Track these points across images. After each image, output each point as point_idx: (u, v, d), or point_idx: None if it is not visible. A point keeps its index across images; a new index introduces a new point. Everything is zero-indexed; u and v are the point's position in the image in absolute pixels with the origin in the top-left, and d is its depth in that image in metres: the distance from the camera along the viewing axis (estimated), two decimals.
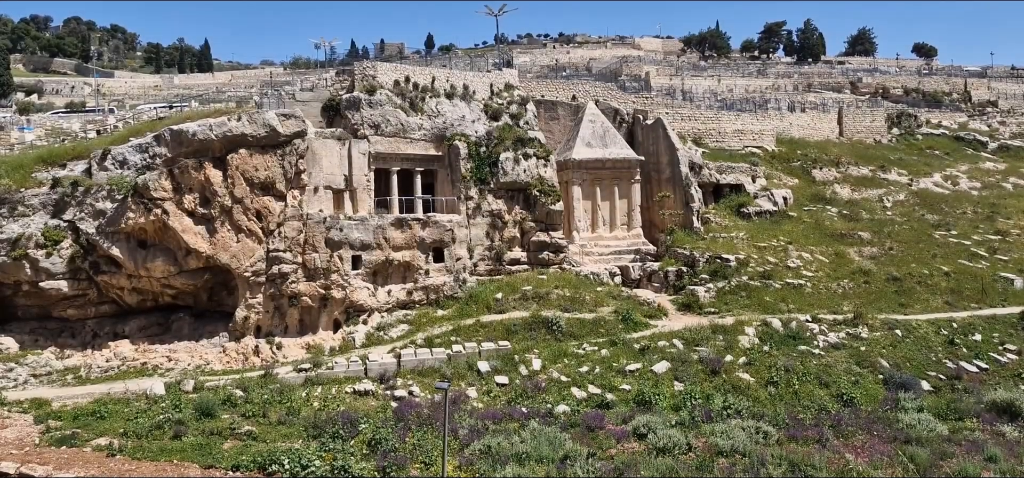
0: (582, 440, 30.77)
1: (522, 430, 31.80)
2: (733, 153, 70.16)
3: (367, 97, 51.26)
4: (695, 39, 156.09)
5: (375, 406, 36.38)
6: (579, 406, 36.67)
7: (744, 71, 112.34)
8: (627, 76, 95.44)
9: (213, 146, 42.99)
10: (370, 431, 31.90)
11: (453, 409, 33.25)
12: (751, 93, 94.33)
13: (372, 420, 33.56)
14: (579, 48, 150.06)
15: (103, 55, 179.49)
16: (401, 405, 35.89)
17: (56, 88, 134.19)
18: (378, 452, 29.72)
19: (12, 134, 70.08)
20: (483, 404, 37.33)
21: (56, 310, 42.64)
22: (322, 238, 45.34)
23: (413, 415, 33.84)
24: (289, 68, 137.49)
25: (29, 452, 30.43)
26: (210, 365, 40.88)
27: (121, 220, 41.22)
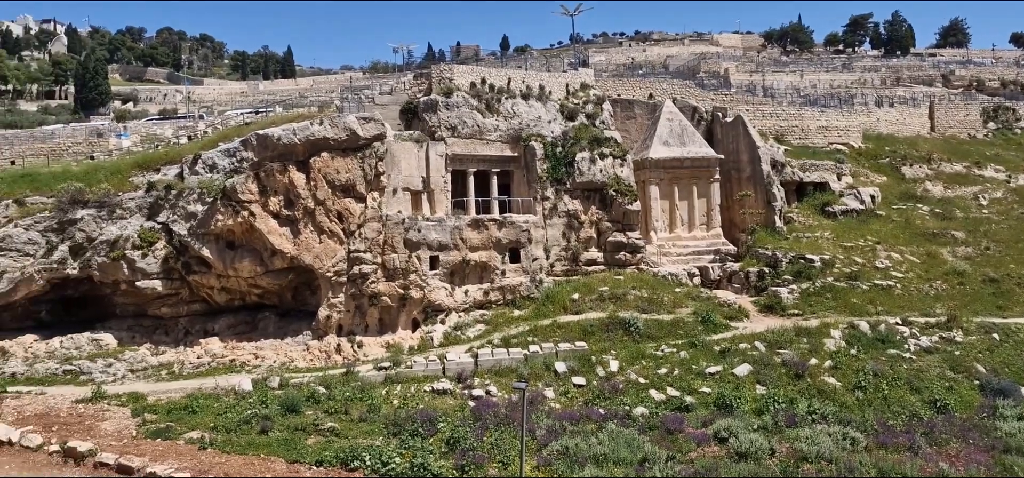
0: (661, 443, 30.36)
1: (600, 431, 31.58)
2: (817, 150, 68.14)
3: (444, 99, 51.84)
4: (776, 34, 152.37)
5: (453, 405, 36.72)
6: (658, 408, 36.22)
7: (828, 65, 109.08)
8: (705, 73, 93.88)
9: (296, 150, 44.20)
10: (448, 430, 32.22)
11: (530, 409, 33.29)
12: (836, 88, 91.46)
13: (450, 419, 33.88)
14: (656, 46, 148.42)
15: (193, 63, 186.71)
16: (479, 404, 36.12)
17: (150, 96, 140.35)
18: (456, 450, 29.98)
19: (110, 140, 73.58)
20: (560, 405, 37.26)
21: (151, 308, 44.55)
22: (401, 239, 46.07)
23: (490, 414, 34.01)
24: (368, 72, 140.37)
25: (127, 444, 31.87)
26: (294, 362, 42.04)
27: (211, 222, 42.77)
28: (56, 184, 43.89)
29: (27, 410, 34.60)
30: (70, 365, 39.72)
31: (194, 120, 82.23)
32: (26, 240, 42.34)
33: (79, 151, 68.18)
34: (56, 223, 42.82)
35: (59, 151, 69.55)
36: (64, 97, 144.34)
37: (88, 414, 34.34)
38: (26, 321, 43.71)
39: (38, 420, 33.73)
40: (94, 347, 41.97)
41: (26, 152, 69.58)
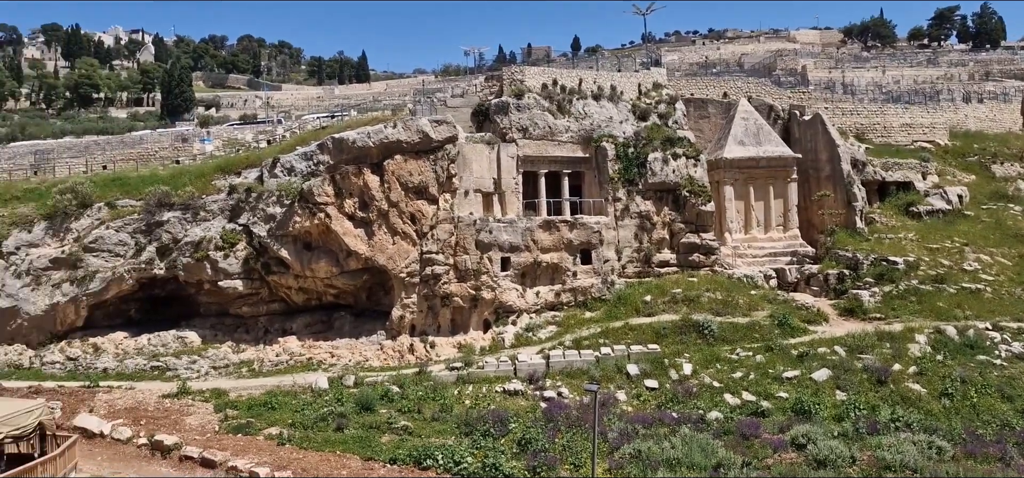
0: (736, 448, 29.77)
1: (673, 435, 31.16)
2: (900, 148, 65.80)
3: (515, 101, 51.99)
4: (857, 29, 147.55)
5: (524, 406, 36.79)
6: (732, 413, 35.54)
7: (912, 60, 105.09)
8: (782, 70, 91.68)
9: (371, 152, 44.98)
10: (520, 430, 32.30)
11: (602, 412, 33.07)
12: (920, 84, 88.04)
13: (522, 420, 33.96)
14: (730, 44, 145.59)
15: (271, 70, 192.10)
16: (550, 406, 36.09)
17: (231, 102, 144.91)
18: (528, 452, 30.02)
19: (194, 145, 76.24)
20: (632, 408, 36.93)
21: (233, 307, 45.98)
22: (472, 240, 46.39)
23: (562, 416, 33.94)
24: (440, 75, 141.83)
25: (210, 438, 32.98)
26: (369, 361, 42.79)
27: (289, 223, 43.90)
28: (144, 188, 45.70)
29: (117, 404, 36.12)
30: (157, 361, 41.33)
31: (273, 125, 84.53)
32: (117, 241, 44.23)
33: (165, 156, 70.88)
34: (144, 225, 44.61)
35: (147, 156, 72.43)
36: (152, 104, 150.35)
37: (174, 409, 35.65)
38: (117, 319, 45.64)
39: (128, 414, 35.19)
40: (179, 344, 43.56)
41: (117, 157, 72.71)
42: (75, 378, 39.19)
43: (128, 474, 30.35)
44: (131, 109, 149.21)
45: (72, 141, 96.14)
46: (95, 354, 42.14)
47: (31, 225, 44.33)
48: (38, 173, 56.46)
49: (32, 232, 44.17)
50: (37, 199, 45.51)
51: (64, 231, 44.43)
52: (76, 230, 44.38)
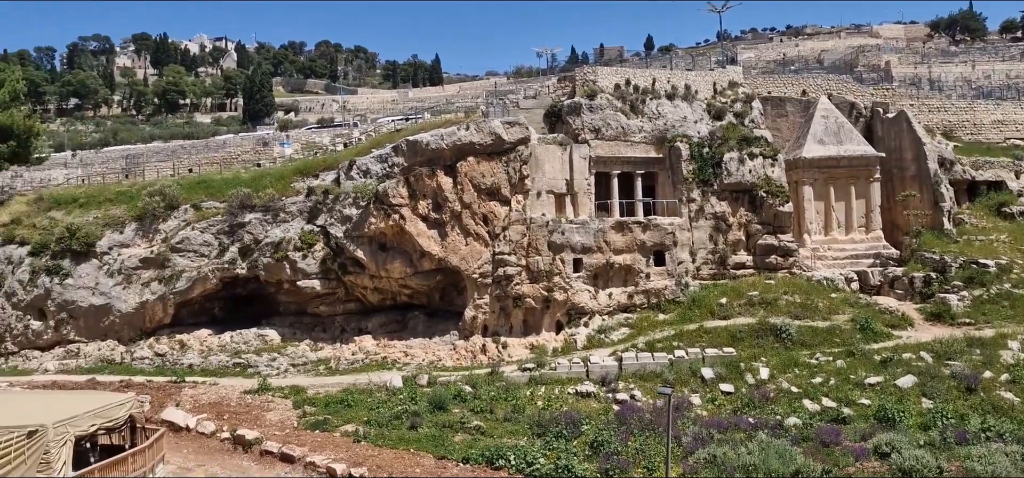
0: (815, 455, 28.94)
1: (749, 441, 30.49)
2: (991, 146, 62.95)
3: (587, 102, 51.78)
4: (944, 23, 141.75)
5: (597, 408, 36.59)
6: (812, 419, 34.56)
7: (1004, 54, 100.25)
8: (864, 66, 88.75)
9: (444, 154, 45.45)
10: (592, 432, 32.13)
11: (676, 415, 32.63)
12: (1013, 79, 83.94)
13: (594, 422, 33.79)
14: (809, 40, 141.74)
15: (348, 74, 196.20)
16: (623, 408, 35.82)
17: (309, 106, 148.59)
18: (600, 454, 29.84)
19: (274, 149, 78.39)
20: (707, 412, 36.33)
21: (310, 307, 47.12)
22: (545, 241, 46.40)
23: (635, 419, 33.62)
24: (512, 77, 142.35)
25: (289, 434, 33.87)
26: (442, 361, 43.24)
27: (364, 225, 44.73)
28: (227, 190, 47.22)
29: (202, 399, 37.43)
30: (239, 358, 42.66)
31: (349, 128, 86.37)
32: (201, 242, 45.85)
33: (247, 159, 73.06)
34: (227, 226, 46.10)
35: (230, 159, 74.87)
36: (234, 109, 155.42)
37: (255, 405, 36.73)
38: (201, 317, 47.30)
39: (211, 409, 36.43)
40: (260, 342, 44.86)
41: (201, 161, 75.41)
42: (163, 373, 40.80)
43: (212, 467, 31.40)
44: (215, 114, 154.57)
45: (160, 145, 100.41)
46: (181, 350, 43.76)
47: (122, 226, 46.33)
48: (129, 176, 59.04)
49: (123, 233, 46.16)
50: (128, 201, 47.53)
51: (153, 232, 46.29)
52: (164, 231, 46.17)
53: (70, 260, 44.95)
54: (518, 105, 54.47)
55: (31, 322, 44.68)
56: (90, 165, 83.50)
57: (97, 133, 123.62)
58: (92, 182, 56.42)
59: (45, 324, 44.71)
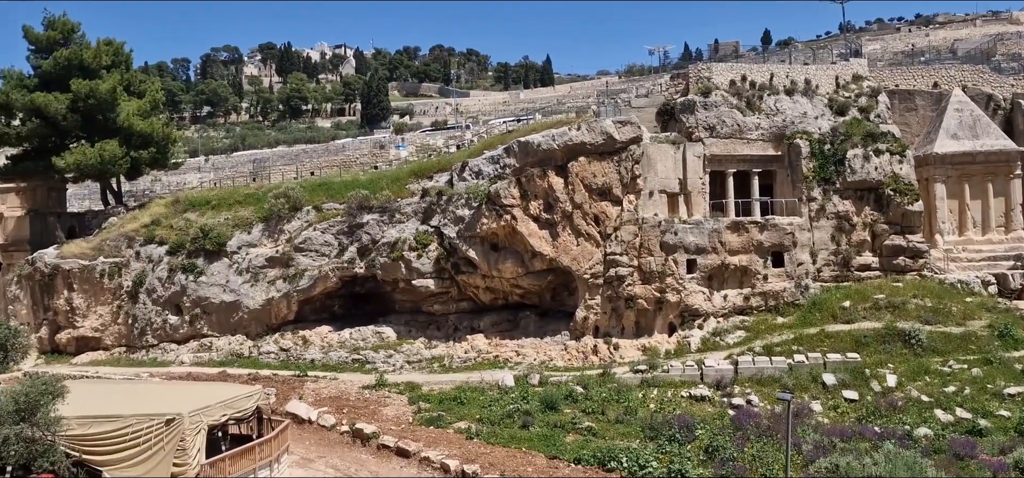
0: (948, 469, 27.30)
1: (875, 451, 29.03)
2: None
3: (701, 99, 50.68)
4: None
5: (711, 412, 35.80)
6: (944, 431, 32.63)
7: None
8: (1002, 55, 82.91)
9: (555, 155, 45.51)
10: (707, 437, 31.47)
11: (795, 422, 31.46)
12: None
13: (709, 426, 33.07)
14: (940, 29, 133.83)
15: (460, 77, 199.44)
16: (739, 413, 34.89)
17: (423, 109, 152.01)
18: (715, 459, 29.18)
19: (390, 151, 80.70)
20: (829, 419, 34.90)
21: (425, 305, 48.19)
22: (657, 242, 45.74)
23: (752, 425, 32.69)
24: (623, 76, 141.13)
25: (404, 429, 34.76)
26: (553, 361, 43.32)
27: (477, 225, 45.35)
28: (346, 192, 48.90)
29: (323, 393, 38.93)
30: (357, 355, 44.09)
31: (462, 130, 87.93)
32: (323, 242, 47.67)
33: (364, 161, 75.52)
34: (346, 227, 47.74)
35: (348, 162, 77.57)
36: (352, 114, 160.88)
37: (372, 400, 37.90)
38: (323, 314, 49.19)
39: (331, 402, 37.84)
40: (377, 339, 46.22)
41: (322, 164, 78.49)
42: (287, 367, 42.67)
43: (333, 459, 32.60)
44: (334, 119, 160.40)
45: (284, 150, 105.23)
46: (304, 346, 45.65)
47: (250, 227, 48.76)
48: (256, 179, 62.15)
49: (251, 233, 48.57)
50: (255, 203, 49.96)
51: (278, 232, 48.47)
52: (288, 231, 48.27)
53: (203, 259, 47.67)
54: (630, 104, 53.88)
55: (169, 317, 47.67)
56: (221, 169, 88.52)
57: (227, 139, 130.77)
58: (223, 185, 59.73)
59: (181, 319, 47.60)
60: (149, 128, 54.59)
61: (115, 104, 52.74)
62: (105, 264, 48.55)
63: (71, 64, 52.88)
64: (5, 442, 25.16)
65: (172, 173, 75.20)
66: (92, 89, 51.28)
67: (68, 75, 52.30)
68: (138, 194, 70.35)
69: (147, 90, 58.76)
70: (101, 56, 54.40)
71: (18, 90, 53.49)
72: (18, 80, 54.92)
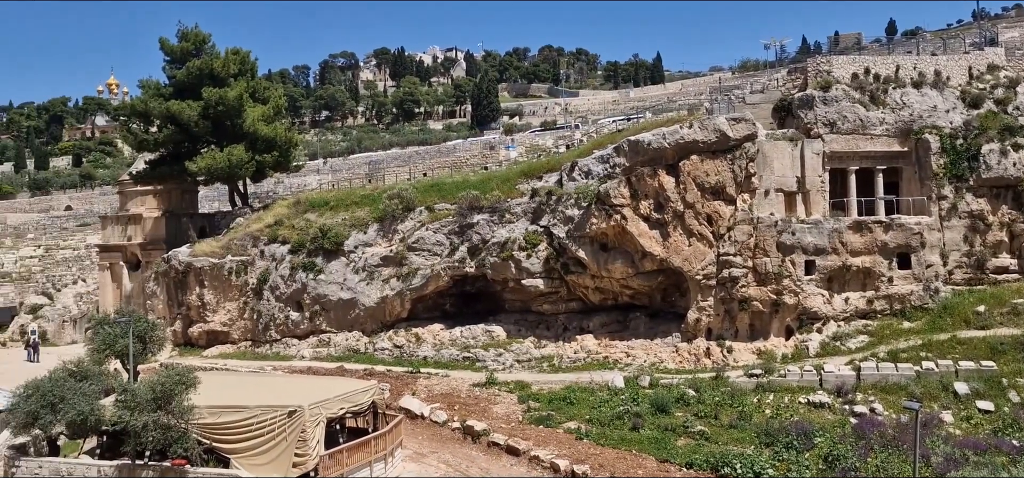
0: None
1: (1013, 465, 27.23)
2: None
3: (821, 94, 48.71)
4: None
5: (831, 420, 34.42)
6: None
7: None
8: None
9: (666, 154, 44.80)
10: (826, 445, 30.29)
11: (924, 433, 29.80)
12: None
13: (829, 434, 31.82)
14: None
15: (569, 77, 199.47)
16: (861, 422, 33.39)
17: (532, 110, 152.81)
18: (836, 469, 28.06)
19: (500, 152, 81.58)
20: (961, 431, 32.90)
21: (534, 305, 48.42)
22: (773, 242, 44.31)
23: (875, 434, 31.22)
24: (737, 71, 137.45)
25: (514, 427, 35.06)
26: (663, 363, 42.69)
27: (586, 225, 45.20)
28: (457, 192, 49.77)
29: (435, 389, 39.76)
30: (468, 353, 44.79)
31: (571, 130, 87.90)
32: (434, 242, 48.68)
33: (475, 162, 76.59)
34: (457, 227, 48.57)
35: (459, 163, 78.91)
36: (463, 115, 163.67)
37: (482, 397, 38.41)
38: (434, 312, 50.21)
39: (443, 399, 38.59)
40: (487, 338, 46.81)
41: (434, 165, 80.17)
42: (400, 364, 43.83)
43: (444, 454, 33.24)
44: (446, 121, 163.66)
45: (397, 152, 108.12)
46: (416, 343, 46.75)
47: (366, 227, 50.33)
48: (371, 181, 64.17)
49: (366, 233, 50.12)
50: (370, 204, 51.53)
51: (392, 232, 49.82)
52: (401, 231, 49.53)
53: (322, 258, 49.54)
54: (744, 100, 52.43)
55: (290, 313, 49.82)
56: (338, 171, 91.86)
57: (344, 142, 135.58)
58: (340, 186, 62.00)
59: (302, 315, 49.64)
60: (272, 133, 57.16)
61: (242, 110, 55.52)
62: (232, 262, 51.19)
63: (202, 73, 56.01)
64: (144, 428, 26.94)
65: (293, 175, 78.56)
66: (221, 96, 54.16)
67: (199, 83, 55.40)
68: (262, 195, 73.91)
69: (271, 96, 61.58)
70: (229, 65, 57.35)
71: (155, 99, 57.09)
72: (155, 89, 58.60)
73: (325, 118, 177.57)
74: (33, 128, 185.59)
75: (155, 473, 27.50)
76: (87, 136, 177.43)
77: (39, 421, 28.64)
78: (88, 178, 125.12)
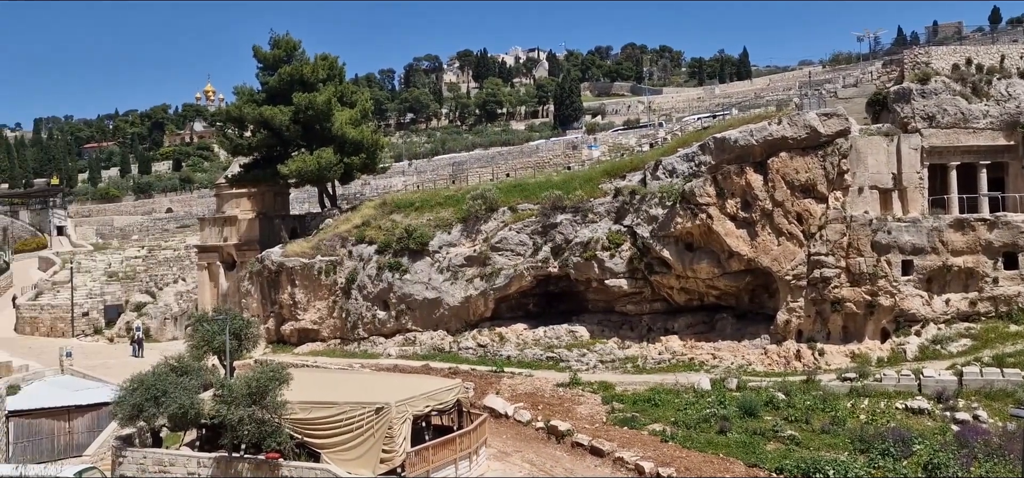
0: None
1: None
2: None
3: (918, 87, 46.68)
4: None
5: (931, 427, 32.96)
6: None
7: None
8: None
9: (753, 151, 43.75)
10: (926, 453, 29.02)
11: None
12: None
13: (928, 442, 30.48)
14: None
15: (653, 75, 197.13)
16: (964, 430, 31.85)
17: (615, 108, 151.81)
18: None
19: (583, 151, 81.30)
20: None
21: (617, 305, 48.05)
22: (867, 241, 42.71)
23: (980, 443, 29.73)
24: (828, 65, 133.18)
25: (598, 428, 34.87)
26: (751, 365, 41.71)
27: (670, 225, 44.57)
28: (540, 192, 49.81)
29: (518, 389, 39.90)
30: (551, 352, 44.77)
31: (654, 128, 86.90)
32: (518, 242, 48.86)
33: (557, 162, 76.56)
34: (540, 227, 48.62)
35: (542, 163, 79.02)
36: (545, 115, 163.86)
37: (566, 397, 38.34)
38: (517, 312, 50.39)
39: (527, 398, 38.69)
40: (570, 338, 46.69)
41: (516, 165, 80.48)
42: (484, 363, 44.16)
43: (528, 453, 33.33)
44: (528, 121, 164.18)
45: (481, 153, 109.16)
46: (500, 343, 47.02)
47: (450, 227, 50.93)
48: (455, 182, 64.96)
49: (450, 233, 50.72)
50: (454, 204, 52.11)
51: (475, 232, 50.27)
52: (485, 232, 49.93)
53: (408, 258, 50.38)
54: (836, 95, 50.69)
55: (377, 312, 50.85)
56: (423, 172, 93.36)
57: (428, 143, 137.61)
58: (425, 187, 63.02)
59: (388, 314, 50.61)
60: (359, 135, 58.45)
61: (330, 114, 56.98)
62: (322, 262, 52.61)
63: (293, 79, 57.74)
64: (240, 422, 27.98)
65: (379, 177, 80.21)
66: (310, 101, 55.71)
67: (290, 89, 57.12)
68: (350, 197, 75.70)
69: (358, 100, 62.98)
70: (318, 70, 58.94)
71: (248, 104, 59.16)
72: (249, 95, 60.73)
73: (410, 120, 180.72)
74: (137, 135, 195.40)
75: (250, 466, 28.49)
76: (186, 141, 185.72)
77: (143, 414, 30.11)
78: (187, 182, 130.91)
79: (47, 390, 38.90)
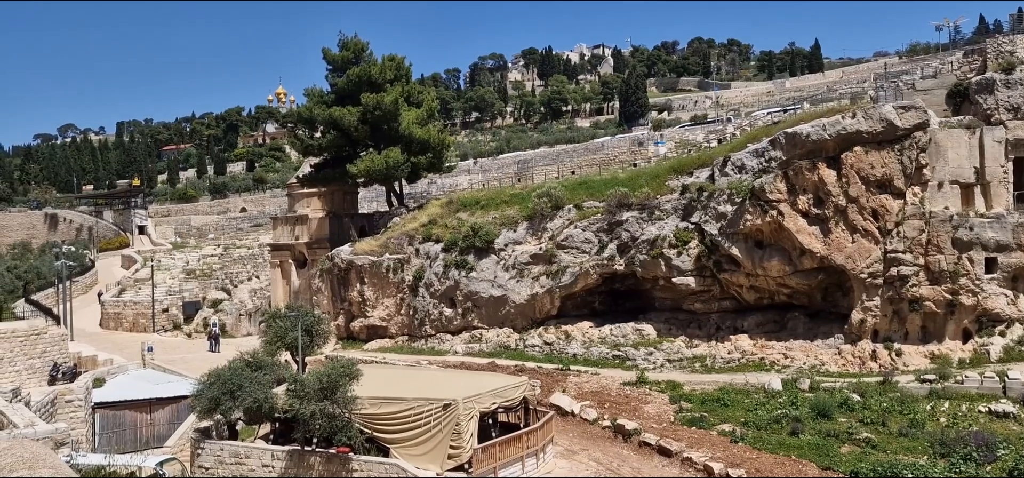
0: None
1: None
2: None
3: (1003, 77, 44.71)
4: None
5: (1017, 431, 31.60)
6: None
7: None
8: None
9: (826, 146, 42.62)
10: (1012, 459, 27.83)
11: None
12: None
13: (1015, 447, 29.23)
14: None
15: (720, 69, 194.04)
16: None
17: (681, 104, 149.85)
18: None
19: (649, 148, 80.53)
20: None
21: (684, 303, 47.41)
22: (948, 238, 41.14)
23: None
24: (904, 56, 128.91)
25: (665, 428, 34.49)
26: (825, 366, 40.66)
27: (739, 222, 43.76)
28: (605, 190, 49.50)
29: (584, 387, 39.77)
30: (617, 351, 44.48)
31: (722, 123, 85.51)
32: (583, 240, 48.68)
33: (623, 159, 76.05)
34: (606, 224, 48.32)
35: (607, 160, 78.61)
36: (610, 112, 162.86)
37: (633, 396, 38.05)
38: (583, 309, 50.19)
39: (593, 397, 38.54)
40: (637, 336, 46.28)
41: (582, 163, 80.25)
42: (550, 360, 44.15)
43: (595, 452, 33.19)
44: (593, 118, 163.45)
45: (545, 150, 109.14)
46: (566, 340, 46.93)
47: (515, 225, 51.07)
48: (520, 180, 65.08)
49: (516, 231, 50.86)
50: (520, 202, 52.25)
51: (541, 230, 50.29)
52: (550, 230, 49.89)
53: (474, 256, 50.72)
54: (913, 86, 48.90)
55: (444, 309, 51.35)
56: (488, 171, 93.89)
57: (493, 142, 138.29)
58: (490, 186, 63.33)
59: (454, 311, 51.04)
60: (426, 135, 59.13)
61: (397, 114, 57.79)
62: (390, 260, 53.39)
63: (361, 80, 58.75)
64: (312, 417, 28.64)
65: (445, 176, 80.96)
66: (378, 102, 56.59)
67: (359, 90, 58.14)
68: (416, 196, 76.69)
69: (424, 100, 63.71)
70: (385, 71, 59.85)
71: (318, 106, 60.47)
72: (318, 97, 62.07)
73: (475, 119, 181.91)
74: (212, 136, 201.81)
75: (322, 459, 29.14)
76: (259, 143, 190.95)
77: (220, 407, 31.09)
78: (260, 182, 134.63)
79: (130, 383, 40.49)
